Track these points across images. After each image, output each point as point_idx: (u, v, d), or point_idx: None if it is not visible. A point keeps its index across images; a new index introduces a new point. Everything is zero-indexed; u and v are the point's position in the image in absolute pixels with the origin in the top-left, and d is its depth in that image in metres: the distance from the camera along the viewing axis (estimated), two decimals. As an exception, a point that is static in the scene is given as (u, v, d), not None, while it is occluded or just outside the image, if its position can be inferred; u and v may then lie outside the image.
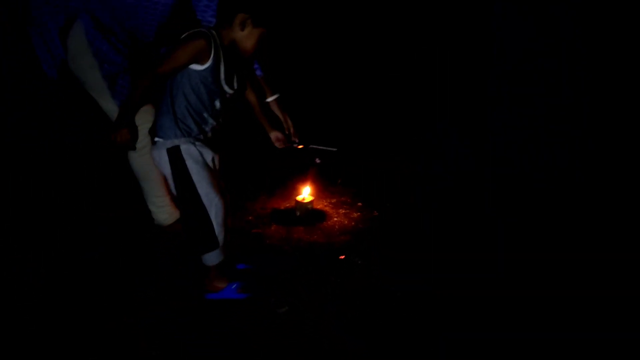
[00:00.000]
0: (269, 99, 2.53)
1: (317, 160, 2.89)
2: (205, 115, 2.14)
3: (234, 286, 2.26)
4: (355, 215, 3.09)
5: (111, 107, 2.44)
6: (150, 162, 2.29)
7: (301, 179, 3.17)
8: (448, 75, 4.15)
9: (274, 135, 2.53)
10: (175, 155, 2.08)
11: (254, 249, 2.68)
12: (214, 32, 2.08)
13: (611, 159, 3.14)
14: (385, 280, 2.37)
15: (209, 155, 2.18)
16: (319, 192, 3.30)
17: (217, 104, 2.17)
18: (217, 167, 2.26)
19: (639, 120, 3.09)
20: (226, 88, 2.16)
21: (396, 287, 2.30)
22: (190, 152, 2.10)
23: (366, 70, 4.82)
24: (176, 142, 2.08)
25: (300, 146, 2.66)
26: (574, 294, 2.23)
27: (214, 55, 2.05)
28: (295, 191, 3.22)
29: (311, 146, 2.78)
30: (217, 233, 2.15)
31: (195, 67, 2.04)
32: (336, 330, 2.04)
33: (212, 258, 2.20)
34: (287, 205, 3.20)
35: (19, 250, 2.56)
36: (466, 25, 3.91)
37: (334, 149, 2.85)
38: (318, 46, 4.71)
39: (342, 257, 2.59)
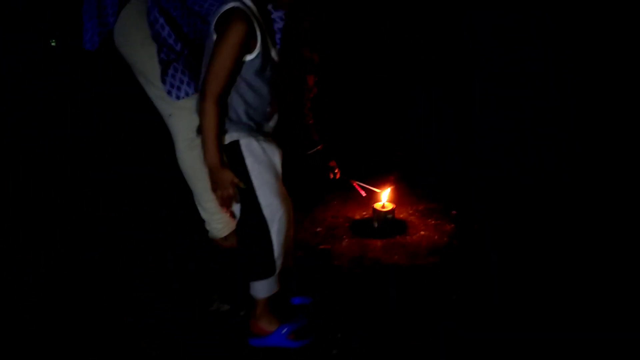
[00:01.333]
0: (311, 151, 2.31)
1: (363, 193, 2.80)
2: (269, 109, 1.78)
3: (284, 330, 1.85)
4: (448, 227, 2.67)
5: (158, 94, 2.16)
6: (201, 158, 1.85)
7: (381, 181, 2.79)
8: (434, 76, 4.15)
9: None
10: (233, 151, 1.72)
11: (317, 273, 2.30)
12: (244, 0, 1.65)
13: (599, 161, 3.20)
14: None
15: (274, 153, 1.79)
16: (402, 197, 2.82)
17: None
18: (281, 168, 1.85)
19: (627, 122, 3.15)
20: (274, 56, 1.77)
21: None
22: (252, 149, 1.73)
23: (351, 69, 4.80)
24: (235, 136, 1.71)
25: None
26: (565, 296, 2.24)
27: (259, 33, 1.65)
28: (374, 197, 2.74)
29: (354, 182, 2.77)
30: (275, 256, 1.77)
31: (246, 57, 1.66)
32: (336, 330, 2.01)
33: (263, 288, 1.82)
34: (365, 214, 2.75)
35: (19, 250, 2.57)
36: (453, 27, 3.93)
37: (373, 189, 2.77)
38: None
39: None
